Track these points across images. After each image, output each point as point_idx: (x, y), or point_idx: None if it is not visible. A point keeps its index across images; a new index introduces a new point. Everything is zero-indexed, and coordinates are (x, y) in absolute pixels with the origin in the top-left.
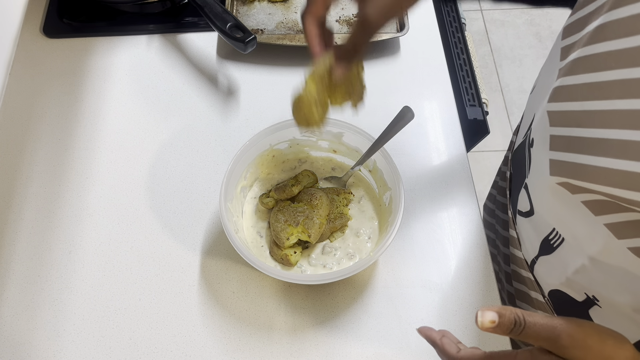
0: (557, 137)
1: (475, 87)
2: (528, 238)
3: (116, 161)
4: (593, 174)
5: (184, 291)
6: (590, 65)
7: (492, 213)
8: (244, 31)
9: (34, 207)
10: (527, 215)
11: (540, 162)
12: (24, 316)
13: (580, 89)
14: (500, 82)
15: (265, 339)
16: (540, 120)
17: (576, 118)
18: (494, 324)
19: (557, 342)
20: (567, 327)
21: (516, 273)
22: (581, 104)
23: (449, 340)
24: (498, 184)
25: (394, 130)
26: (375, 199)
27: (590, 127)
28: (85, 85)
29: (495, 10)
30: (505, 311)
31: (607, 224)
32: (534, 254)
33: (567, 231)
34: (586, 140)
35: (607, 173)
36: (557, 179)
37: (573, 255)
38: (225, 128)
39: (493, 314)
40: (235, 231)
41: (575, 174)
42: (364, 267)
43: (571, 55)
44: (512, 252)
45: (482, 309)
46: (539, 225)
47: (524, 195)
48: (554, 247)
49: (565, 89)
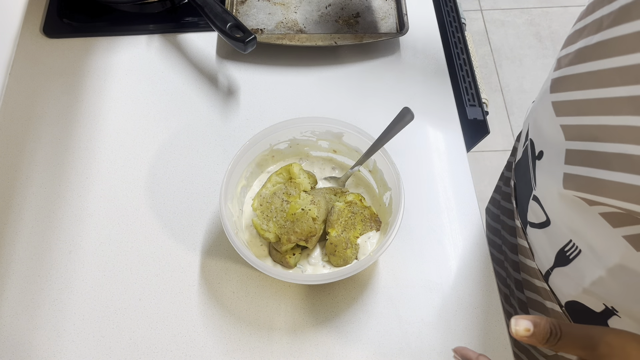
0: (572, 152)
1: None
2: (542, 249)
3: (116, 161)
4: (608, 189)
5: (184, 291)
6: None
7: (497, 218)
8: (244, 31)
9: (34, 207)
10: (541, 226)
11: (552, 175)
12: (24, 316)
13: (590, 104)
14: (500, 82)
15: (265, 339)
16: (552, 134)
17: (591, 132)
18: (529, 332)
19: (595, 351)
20: (604, 336)
21: (528, 282)
22: (595, 118)
23: (485, 357)
24: (502, 189)
25: (393, 132)
26: (376, 199)
27: (606, 142)
28: (85, 85)
29: (495, 10)
30: (540, 320)
31: (625, 235)
32: (549, 265)
33: (584, 243)
34: (601, 154)
35: (622, 188)
36: (572, 192)
37: (590, 267)
38: (225, 128)
39: (528, 323)
40: (235, 231)
41: (589, 188)
42: (364, 267)
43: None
44: (523, 261)
45: (516, 317)
46: (554, 236)
47: (536, 206)
48: (570, 259)
49: (572, 103)
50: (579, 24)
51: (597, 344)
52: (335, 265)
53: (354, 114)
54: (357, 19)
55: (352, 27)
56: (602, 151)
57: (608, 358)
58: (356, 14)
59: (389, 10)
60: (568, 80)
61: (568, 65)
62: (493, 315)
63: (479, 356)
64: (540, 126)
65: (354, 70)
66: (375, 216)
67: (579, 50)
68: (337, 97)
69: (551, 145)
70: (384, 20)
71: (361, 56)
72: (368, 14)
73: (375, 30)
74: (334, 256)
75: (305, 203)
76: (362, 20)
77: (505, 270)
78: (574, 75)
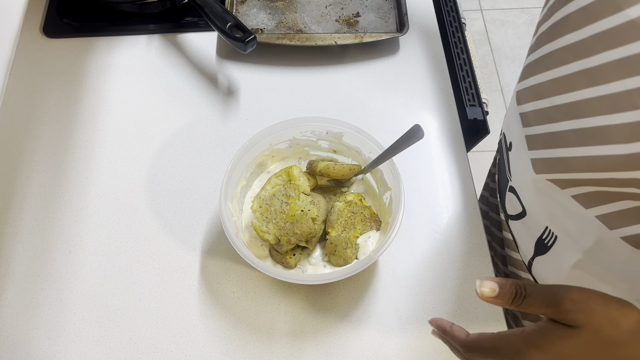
0: (532, 137)
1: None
2: (522, 240)
3: (116, 161)
4: (577, 164)
5: (184, 291)
6: (549, 62)
7: (486, 215)
8: (244, 31)
9: (34, 207)
10: (518, 217)
11: (522, 164)
12: (24, 316)
13: (545, 86)
14: (500, 82)
15: (265, 339)
16: (514, 123)
17: (547, 114)
18: (494, 293)
19: (559, 307)
20: (568, 292)
21: (515, 274)
22: (550, 100)
23: (459, 327)
24: (489, 185)
25: (402, 148)
26: (376, 199)
27: (561, 121)
28: (85, 85)
29: (495, 10)
30: (506, 282)
31: (598, 215)
32: (529, 255)
33: (560, 228)
34: (560, 134)
35: (589, 161)
36: (544, 176)
37: (568, 252)
38: (225, 128)
39: (493, 283)
40: (235, 231)
41: (559, 168)
42: (364, 267)
43: (529, 56)
44: (509, 254)
45: (481, 279)
46: (531, 226)
47: (513, 197)
48: (548, 246)
49: (530, 89)
50: None
51: (560, 300)
52: (335, 265)
53: (354, 114)
54: (357, 18)
55: (352, 26)
56: (559, 130)
57: (572, 314)
58: (356, 14)
59: (389, 10)
60: (529, 67)
61: (529, 54)
62: (493, 315)
63: (452, 325)
64: (508, 118)
65: (354, 70)
66: (375, 216)
67: (537, 37)
68: (337, 97)
69: (516, 134)
70: (384, 20)
71: (361, 56)
72: (368, 14)
73: (375, 30)
74: (334, 256)
75: (304, 204)
76: (362, 20)
77: (496, 266)
78: (533, 62)
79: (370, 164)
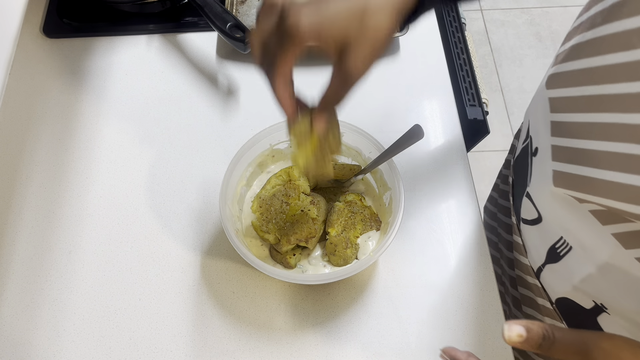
0: (559, 148)
1: (475, 87)
2: (534, 245)
3: (116, 161)
4: (596, 187)
5: (184, 291)
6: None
7: (494, 216)
8: (243, 31)
9: (34, 207)
10: (533, 223)
11: (543, 172)
12: (24, 316)
13: (580, 101)
14: (500, 82)
15: (265, 339)
16: (544, 130)
17: (578, 130)
18: (521, 338)
19: (589, 356)
20: (598, 341)
21: (521, 279)
22: (583, 115)
23: (476, 358)
24: (499, 187)
25: (402, 148)
26: (376, 199)
27: (592, 139)
28: (85, 85)
29: (495, 10)
30: (533, 325)
31: (614, 233)
32: (540, 262)
33: (575, 240)
34: (590, 152)
35: (610, 186)
36: (562, 190)
37: (580, 264)
38: (225, 128)
39: (520, 328)
40: (235, 231)
41: (578, 186)
42: (364, 267)
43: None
44: (517, 258)
45: (508, 323)
46: (545, 233)
47: (528, 203)
48: (561, 256)
49: (565, 100)
50: (577, 21)
51: (591, 350)
52: (335, 265)
53: (353, 114)
54: None
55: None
56: (591, 149)
57: None
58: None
59: None
60: (562, 76)
61: (563, 62)
62: (493, 315)
63: (468, 357)
64: (536, 122)
65: None
66: (375, 216)
67: (572, 46)
68: None
69: (543, 141)
70: None
71: None
72: None
73: None
74: (334, 256)
75: (304, 204)
76: None
77: (501, 267)
78: (568, 72)
79: (370, 164)
